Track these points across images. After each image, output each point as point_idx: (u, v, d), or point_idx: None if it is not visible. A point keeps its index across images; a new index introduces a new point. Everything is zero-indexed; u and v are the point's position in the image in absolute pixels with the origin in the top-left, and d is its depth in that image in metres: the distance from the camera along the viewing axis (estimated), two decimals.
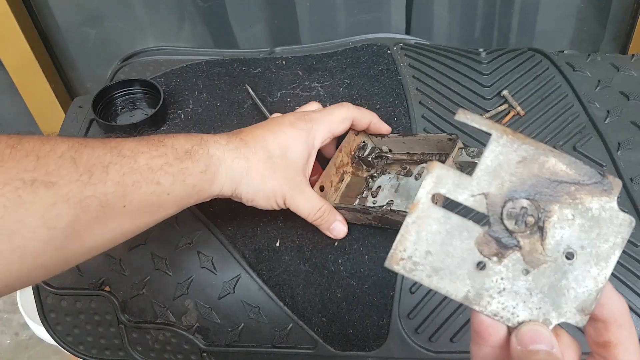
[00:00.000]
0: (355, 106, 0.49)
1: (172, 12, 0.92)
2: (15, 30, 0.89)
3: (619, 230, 0.25)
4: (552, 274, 0.25)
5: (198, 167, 0.40)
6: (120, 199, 0.36)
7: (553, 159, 0.26)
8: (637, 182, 0.50)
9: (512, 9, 0.89)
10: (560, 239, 0.25)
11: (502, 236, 0.26)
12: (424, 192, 0.26)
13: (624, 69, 0.61)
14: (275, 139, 0.44)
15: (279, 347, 0.46)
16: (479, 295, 0.25)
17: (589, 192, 0.26)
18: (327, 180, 0.49)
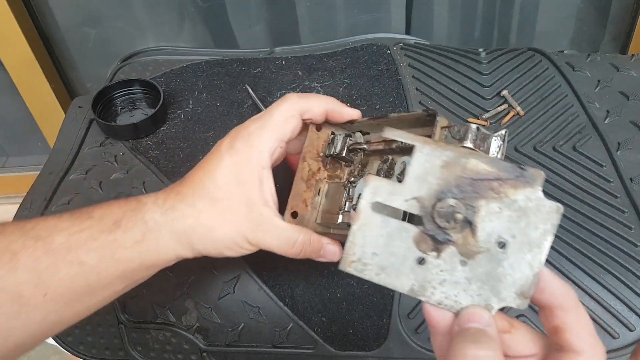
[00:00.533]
0: (301, 95, 0.39)
1: (172, 12, 0.92)
2: (16, 30, 0.90)
3: (547, 217, 0.27)
4: (487, 262, 0.27)
5: (131, 236, 0.35)
6: (37, 288, 0.32)
7: (474, 160, 0.28)
8: (637, 182, 0.50)
9: (512, 9, 0.89)
10: (490, 230, 0.27)
11: (436, 233, 0.28)
12: (364, 203, 0.30)
13: (624, 69, 0.61)
14: (213, 180, 0.36)
15: (279, 347, 0.46)
16: (422, 287, 0.28)
17: (512, 186, 0.28)
18: (299, 201, 0.39)
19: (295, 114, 0.38)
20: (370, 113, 0.59)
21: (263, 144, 0.37)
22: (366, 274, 0.29)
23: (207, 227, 0.36)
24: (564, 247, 0.46)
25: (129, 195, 0.53)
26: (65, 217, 0.35)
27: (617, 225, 0.47)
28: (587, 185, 0.51)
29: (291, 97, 0.39)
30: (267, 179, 0.37)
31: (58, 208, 0.52)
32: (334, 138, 0.41)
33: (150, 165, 0.56)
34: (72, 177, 0.55)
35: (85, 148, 0.59)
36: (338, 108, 0.40)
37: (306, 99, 0.39)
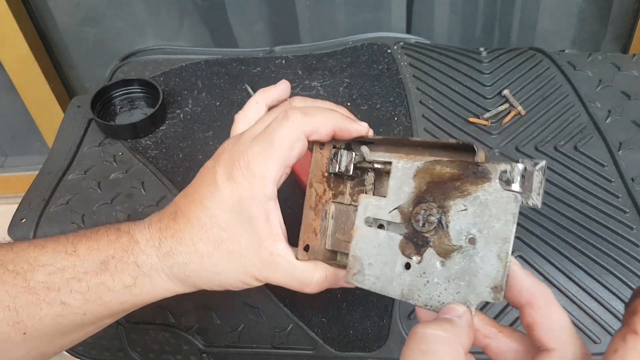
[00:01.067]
0: (305, 112, 0.33)
1: (171, 12, 0.92)
2: (14, 29, 0.89)
3: (506, 207, 0.28)
4: (461, 260, 0.29)
5: (121, 281, 0.32)
6: (16, 326, 0.30)
7: (438, 166, 0.31)
8: (638, 182, 0.50)
9: (513, 8, 0.88)
10: (460, 228, 0.29)
11: (415, 237, 0.31)
12: (360, 220, 0.33)
13: (625, 69, 0.61)
14: (214, 218, 0.33)
15: (279, 348, 0.46)
16: (411, 291, 0.30)
17: (472, 183, 0.29)
18: (309, 232, 0.36)
19: (301, 136, 0.33)
20: (371, 113, 0.59)
21: (267, 174, 0.32)
22: (366, 284, 0.32)
23: (212, 272, 0.33)
24: (565, 247, 0.46)
25: (128, 195, 0.53)
26: (49, 248, 0.32)
27: (618, 226, 0.47)
28: (589, 185, 0.50)
29: (294, 117, 0.33)
30: (274, 211, 0.33)
31: (57, 208, 0.52)
32: (337, 152, 0.36)
33: (149, 165, 0.56)
34: (70, 177, 0.55)
35: (84, 148, 0.59)
36: (345, 125, 0.35)
37: (312, 118, 0.33)
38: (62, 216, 0.51)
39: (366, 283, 0.32)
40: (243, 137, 0.35)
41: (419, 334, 0.25)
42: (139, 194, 0.53)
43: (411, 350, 0.25)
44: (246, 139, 0.34)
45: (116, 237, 0.34)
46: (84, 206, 0.52)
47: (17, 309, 0.31)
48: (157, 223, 0.34)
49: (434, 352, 0.24)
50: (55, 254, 0.32)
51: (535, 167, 0.28)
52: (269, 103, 0.39)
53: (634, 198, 0.49)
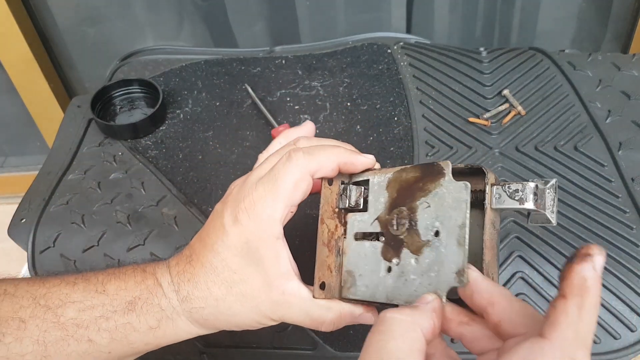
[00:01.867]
0: (308, 152, 0.33)
1: (171, 11, 0.92)
2: (14, 29, 0.89)
3: (459, 196, 0.30)
4: (430, 253, 0.30)
5: (146, 322, 0.33)
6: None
7: (404, 174, 0.33)
8: (638, 182, 0.50)
9: (513, 8, 0.88)
10: (426, 223, 0.31)
11: (392, 240, 0.32)
12: (350, 237, 0.35)
13: (625, 69, 0.61)
14: (224, 262, 0.33)
15: (279, 348, 0.46)
16: (394, 292, 0.32)
17: (430, 181, 0.31)
18: (324, 269, 0.35)
19: (306, 176, 0.33)
20: (371, 113, 0.59)
21: (272, 215, 0.32)
22: (358, 294, 0.33)
23: (227, 314, 0.34)
24: (565, 247, 0.46)
25: (128, 195, 0.53)
26: (80, 286, 0.33)
27: (618, 226, 0.47)
28: (589, 185, 0.50)
29: (297, 157, 0.33)
30: (283, 249, 0.33)
31: (57, 208, 0.52)
32: (346, 188, 0.36)
33: (149, 165, 0.56)
34: (70, 177, 0.55)
35: (84, 148, 0.59)
36: (350, 159, 0.35)
37: (315, 157, 0.33)
38: (62, 216, 0.51)
39: (359, 293, 0.33)
40: (249, 178, 0.35)
41: (380, 317, 0.27)
42: (139, 194, 0.53)
43: (372, 332, 0.27)
44: (252, 180, 0.34)
45: (142, 278, 0.34)
46: (84, 206, 0.52)
47: (46, 344, 0.31)
48: (175, 267, 0.35)
49: (390, 332, 0.26)
50: (85, 292, 0.33)
51: (546, 185, 0.29)
52: None
53: (634, 198, 0.49)
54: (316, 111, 0.60)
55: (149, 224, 0.50)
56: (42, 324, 0.32)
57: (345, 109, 0.60)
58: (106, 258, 0.49)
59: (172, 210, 0.51)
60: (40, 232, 0.50)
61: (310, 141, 0.36)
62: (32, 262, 0.49)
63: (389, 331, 0.26)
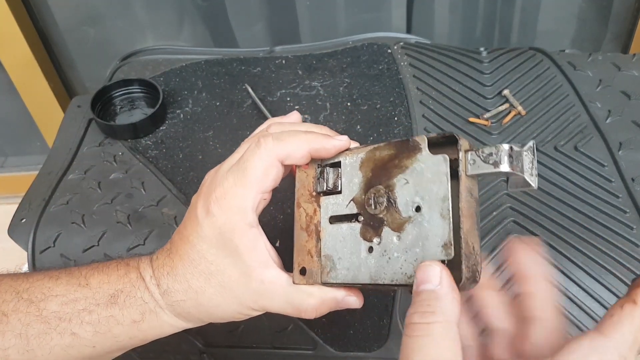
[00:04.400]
0: (278, 138, 0.33)
1: (171, 11, 0.92)
2: (15, 29, 0.89)
3: (438, 169, 0.29)
4: (413, 229, 0.30)
5: (129, 315, 0.33)
6: (25, 354, 0.31)
7: (377, 152, 0.33)
8: (638, 182, 0.50)
9: (513, 8, 0.88)
10: (406, 200, 0.31)
11: (371, 220, 0.32)
12: (324, 220, 0.34)
13: (626, 69, 0.61)
14: (200, 254, 0.33)
15: (279, 348, 0.46)
16: (377, 272, 0.31)
17: (407, 157, 0.31)
18: (304, 254, 0.35)
19: (274, 162, 0.33)
20: (371, 113, 0.59)
21: (243, 204, 0.32)
22: (339, 277, 0.33)
23: (209, 306, 0.33)
24: (565, 247, 0.46)
25: (128, 195, 0.53)
26: (62, 281, 0.33)
27: (618, 226, 0.47)
28: (589, 185, 0.50)
29: (266, 143, 0.32)
30: (259, 238, 0.33)
31: (57, 208, 0.52)
32: (323, 170, 0.35)
33: (149, 165, 0.56)
34: (71, 177, 0.55)
35: (84, 148, 0.59)
36: (322, 144, 0.34)
37: (284, 143, 0.33)
38: (62, 216, 0.51)
39: (339, 277, 0.33)
40: (221, 168, 0.35)
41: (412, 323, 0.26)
42: (139, 194, 0.53)
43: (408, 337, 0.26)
44: (223, 169, 0.34)
45: (125, 272, 0.34)
46: (84, 206, 0.52)
47: (29, 337, 0.31)
48: (156, 261, 0.35)
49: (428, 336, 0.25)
50: (68, 285, 0.33)
51: (523, 147, 0.28)
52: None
53: (634, 198, 0.49)
54: (316, 111, 0.60)
55: (149, 224, 0.50)
56: (25, 317, 0.32)
57: (345, 109, 0.60)
58: (106, 258, 0.49)
59: (172, 210, 0.51)
60: (41, 232, 0.50)
61: (282, 126, 0.36)
62: (32, 262, 0.49)
63: (427, 336, 0.25)
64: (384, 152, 0.32)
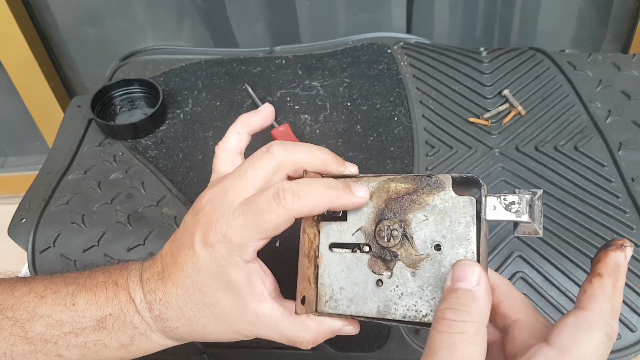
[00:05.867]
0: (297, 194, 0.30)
1: (171, 11, 0.92)
2: (15, 29, 0.89)
3: (465, 211, 0.30)
4: (431, 267, 0.30)
5: (118, 340, 0.33)
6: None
7: (393, 184, 0.32)
8: (638, 182, 0.50)
9: (513, 8, 0.88)
10: (424, 237, 0.30)
11: (382, 254, 0.31)
12: (323, 247, 0.33)
13: (626, 69, 0.61)
14: (195, 284, 0.32)
15: (278, 348, 0.46)
16: (387, 306, 0.31)
17: (427, 194, 0.31)
18: (305, 282, 0.33)
19: (290, 219, 0.31)
20: (371, 113, 0.59)
21: (246, 244, 0.31)
22: (339, 308, 0.32)
23: (202, 333, 0.33)
24: (565, 247, 0.46)
25: (128, 195, 0.53)
26: (48, 300, 0.32)
27: (618, 226, 0.47)
28: (589, 185, 0.50)
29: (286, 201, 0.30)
30: (255, 272, 0.32)
31: (57, 208, 0.52)
32: None
33: (149, 165, 0.56)
34: (70, 177, 0.55)
35: (84, 148, 0.59)
36: (342, 202, 0.32)
37: (304, 201, 0.30)
38: (62, 216, 0.51)
39: (340, 308, 0.32)
40: (225, 198, 0.32)
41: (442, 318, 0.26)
42: (139, 194, 0.53)
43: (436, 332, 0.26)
44: (229, 202, 0.32)
45: (114, 293, 0.33)
46: (84, 206, 0.52)
47: (14, 357, 0.31)
48: (147, 283, 0.34)
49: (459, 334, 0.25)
50: (54, 306, 0.33)
51: (535, 196, 0.29)
52: (250, 131, 0.38)
53: (634, 198, 0.49)
54: (316, 111, 0.60)
55: (149, 224, 0.50)
56: (10, 337, 0.31)
57: (345, 109, 0.60)
58: (106, 258, 0.49)
59: (172, 210, 0.51)
60: (40, 232, 0.50)
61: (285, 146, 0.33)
62: (32, 262, 0.49)
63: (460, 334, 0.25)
64: (400, 184, 0.32)
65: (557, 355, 0.26)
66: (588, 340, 0.25)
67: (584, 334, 0.26)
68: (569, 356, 0.25)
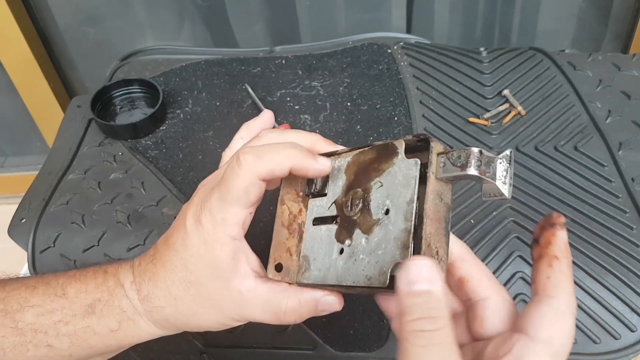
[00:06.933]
0: (258, 153, 0.32)
1: (171, 12, 0.92)
2: (15, 29, 0.89)
3: (409, 172, 0.29)
4: (379, 231, 0.30)
5: (106, 325, 0.33)
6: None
7: (362, 156, 0.33)
8: (638, 182, 0.50)
9: (513, 8, 0.88)
10: (377, 203, 0.31)
11: (346, 222, 0.32)
12: (308, 222, 0.34)
13: (625, 69, 0.61)
14: (183, 261, 0.33)
15: (279, 348, 0.46)
16: (343, 273, 0.31)
17: (385, 161, 0.31)
18: (282, 250, 0.35)
19: (254, 180, 0.32)
20: (371, 113, 0.59)
21: (228, 218, 0.32)
22: (311, 278, 0.33)
23: (187, 315, 0.33)
24: None
25: (128, 195, 0.53)
26: (39, 291, 0.33)
27: (618, 226, 0.47)
28: (589, 185, 0.50)
29: (246, 162, 0.32)
30: (241, 250, 0.33)
31: (57, 208, 0.52)
32: None
33: (149, 165, 0.56)
34: (70, 177, 0.55)
35: (84, 148, 0.59)
36: (303, 164, 0.33)
37: (264, 161, 0.32)
38: (62, 216, 0.51)
39: (311, 277, 0.33)
40: (213, 180, 0.35)
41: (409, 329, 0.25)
42: (139, 194, 0.53)
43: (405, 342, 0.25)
44: (213, 183, 0.34)
45: (103, 279, 0.34)
46: (84, 206, 0.52)
47: (4, 349, 0.32)
48: (138, 267, 0.35)
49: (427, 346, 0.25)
50: (45, 296, 0.33)
51: (498, 155, 0.28)
52: (254, 135, 0.39)
53: (634, 198, 0.49)
54: (316, 111, 0.60)
55: (149, 224, 0.50)
56: (0, 329, 0.32)
57: (345, 109, 0.60)
58: (106, 258, 0.49)
59: (172, 210, 0.51)
60: (40, 232, 0.50)
61: (267, 138, 0.35)
62: (32, 262, 0.49)
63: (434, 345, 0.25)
64: (367, 155, 0.32)
65: (543, 349, 0.26)
66: (566, 327, 0.26)
67: (560, 321, 0.26)
68: (553, 347, 0.26)
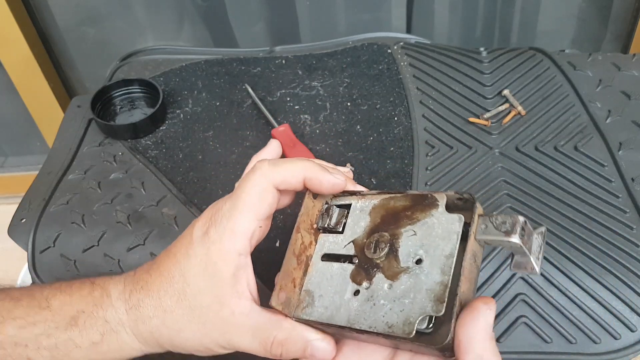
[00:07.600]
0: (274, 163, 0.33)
1: (171, 11, 0.92)
2: (15, 29, 0.89)
3: (451, 227, 0.29)
4: (408, 279, 0.29)
5: (88, 337, 0.32)
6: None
7: (392, 202, 0.32)
8: (638, 182, 0.50)
9: (513, 8, 0.88)
10: (409, 250, 0.30)
11: (366, 264, 0.31)
12: (317, 257, 0.34)
13: (626, 69, 0.61)
14: (182, 272, 0.32)
15: None
16: (357, 316, 0.30)
17: (421, 211, 0.31)
18: (288, 279, 0.33)
19: (269, 187, 0.32)
20: (371, 113, 0.59)
21: (237, 228, 0.31)
22: (314, 315, 0.31)
23: (173, 330, 0.32)
24: (565, 247, 0.46)
25: (128, 195, 0.53)
26: (23, 303, 0.32)
27: (618, 226, 0.47)
28: (589, 185, 0.50)
29: (261, 168, 0.32)
30: (244, 268, 0.32)
31: (57, 208, 0.52)
32: (329, 208, 0.35)
33: (149, 165, 0.56)
34: (70, 177, 0.55)
35: (84, 148, 0.59)
36: (317, 175, 0.33)
37: (280, 168, 0.32)
38: (62, 216, 0.51)
39: (314, 314, 0.31)
40: (224, 199, 0.34)
41: None
42: (139, 194, 0.53)
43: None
44: (225, 197, 0.34)
45: (89, 291, 0.33)
46: (84, 206, 0.52)
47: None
48: (133, 276, 0.34)
49: None
50: (29, 308, 0.32)
51: (535, 229, 0.28)
52: None
53: (634, 198, 0.49)
54: (316, 111, 0.60)
55: (149, 224, 0.50)
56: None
57: (345, 109, 0.60)
58: (106, 258, 0.49)
59: (172, 210, 0.51)
60: (40, 232, 0.50)
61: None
62: (32, 262, 0.49)
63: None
64: (399, 202, 0.32)
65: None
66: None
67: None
68: None
